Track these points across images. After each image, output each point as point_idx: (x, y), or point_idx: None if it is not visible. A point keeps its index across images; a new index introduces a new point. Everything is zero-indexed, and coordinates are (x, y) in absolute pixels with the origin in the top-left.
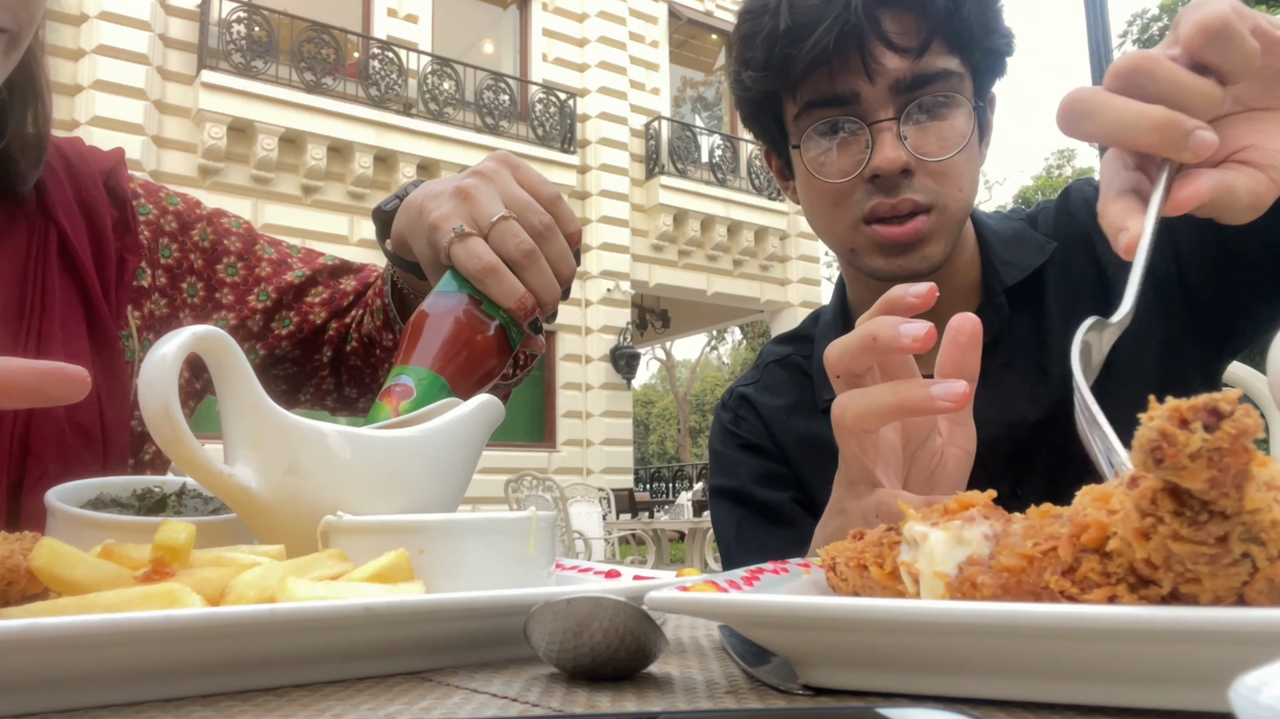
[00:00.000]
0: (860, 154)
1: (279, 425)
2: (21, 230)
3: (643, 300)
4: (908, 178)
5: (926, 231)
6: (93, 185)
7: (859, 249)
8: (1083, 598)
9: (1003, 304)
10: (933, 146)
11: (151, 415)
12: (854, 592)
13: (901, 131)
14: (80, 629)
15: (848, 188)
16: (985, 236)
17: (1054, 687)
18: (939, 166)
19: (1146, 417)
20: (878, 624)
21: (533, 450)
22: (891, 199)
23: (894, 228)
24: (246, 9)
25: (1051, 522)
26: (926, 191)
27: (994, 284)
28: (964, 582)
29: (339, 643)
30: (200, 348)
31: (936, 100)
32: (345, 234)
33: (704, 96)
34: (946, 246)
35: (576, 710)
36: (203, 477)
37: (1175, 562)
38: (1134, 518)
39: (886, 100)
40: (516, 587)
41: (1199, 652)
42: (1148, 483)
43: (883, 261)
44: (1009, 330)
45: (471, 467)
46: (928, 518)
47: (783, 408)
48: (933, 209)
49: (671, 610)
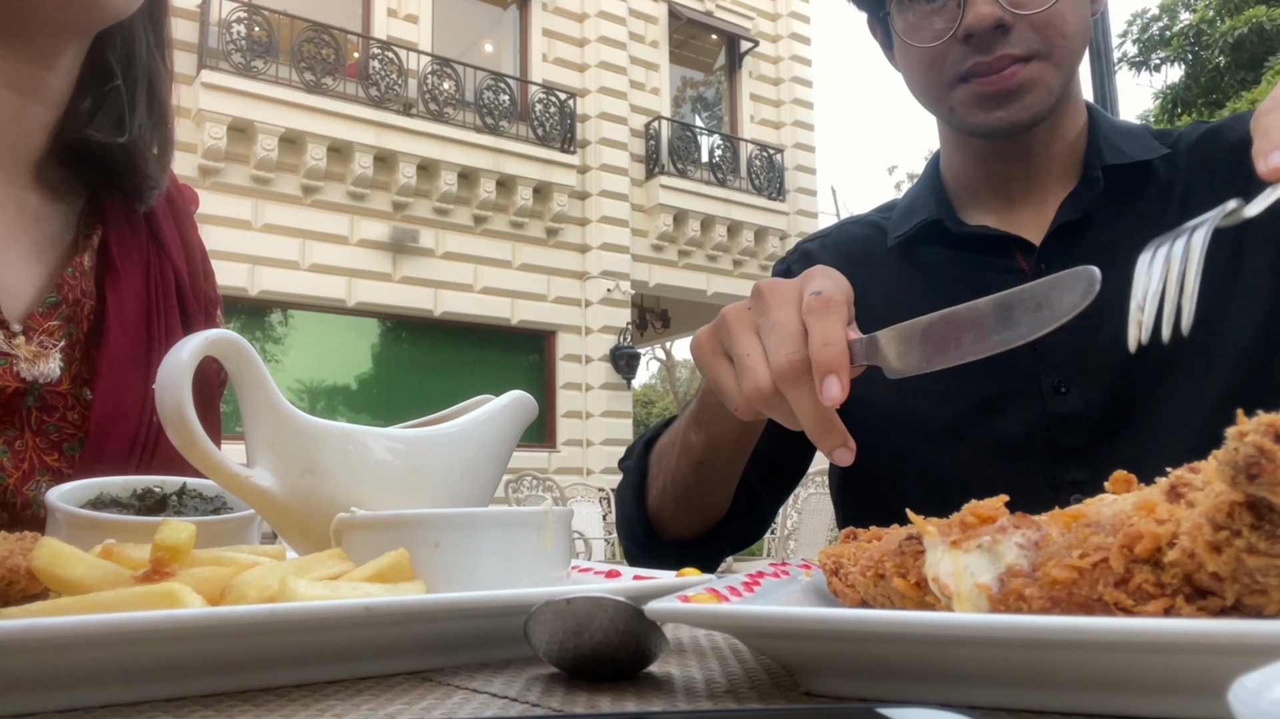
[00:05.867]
0: (953, 14)
1: (297, 427)
2: (138, 260)
3: (643, 300)
4: (1004, 33)
5: (1028, 78)
6: (190, 223)
7: (957, 105)
8: (1138, 610)
9: (1098, 179)
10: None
11: (167, 418)
12: (863, 600)
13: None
14: (80, 629)
15: (943, 50)
16: (1096, 119)
17: (1056, 696)
18: (1040, 17)
19: (1236, 432)
20: (883, 636)
21: (533, 451)
22: (988, 57)
23: (993, 79)
24: (246, 9)
25: (1095, 531)
26: (1027, 43)
27: (1093, 159)
28: (1009, 594)
29: (339, 643)
30: (215, 352)
31: None
32: (345, 234)
33: (704, 96)
34: (1051, 97)
35: (576, 710)
36: (221, 478)
37: (1244, 574)
38: (1207, 531)
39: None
40: (533, 582)
41: (1212, 662)
42: (1224, 496)
43: (982, 115)
44: (1104, 216)
45: (501, 464)
46: (946, 532)
47: (843, 261)
48: (1034, 58)
49: (673, 621)
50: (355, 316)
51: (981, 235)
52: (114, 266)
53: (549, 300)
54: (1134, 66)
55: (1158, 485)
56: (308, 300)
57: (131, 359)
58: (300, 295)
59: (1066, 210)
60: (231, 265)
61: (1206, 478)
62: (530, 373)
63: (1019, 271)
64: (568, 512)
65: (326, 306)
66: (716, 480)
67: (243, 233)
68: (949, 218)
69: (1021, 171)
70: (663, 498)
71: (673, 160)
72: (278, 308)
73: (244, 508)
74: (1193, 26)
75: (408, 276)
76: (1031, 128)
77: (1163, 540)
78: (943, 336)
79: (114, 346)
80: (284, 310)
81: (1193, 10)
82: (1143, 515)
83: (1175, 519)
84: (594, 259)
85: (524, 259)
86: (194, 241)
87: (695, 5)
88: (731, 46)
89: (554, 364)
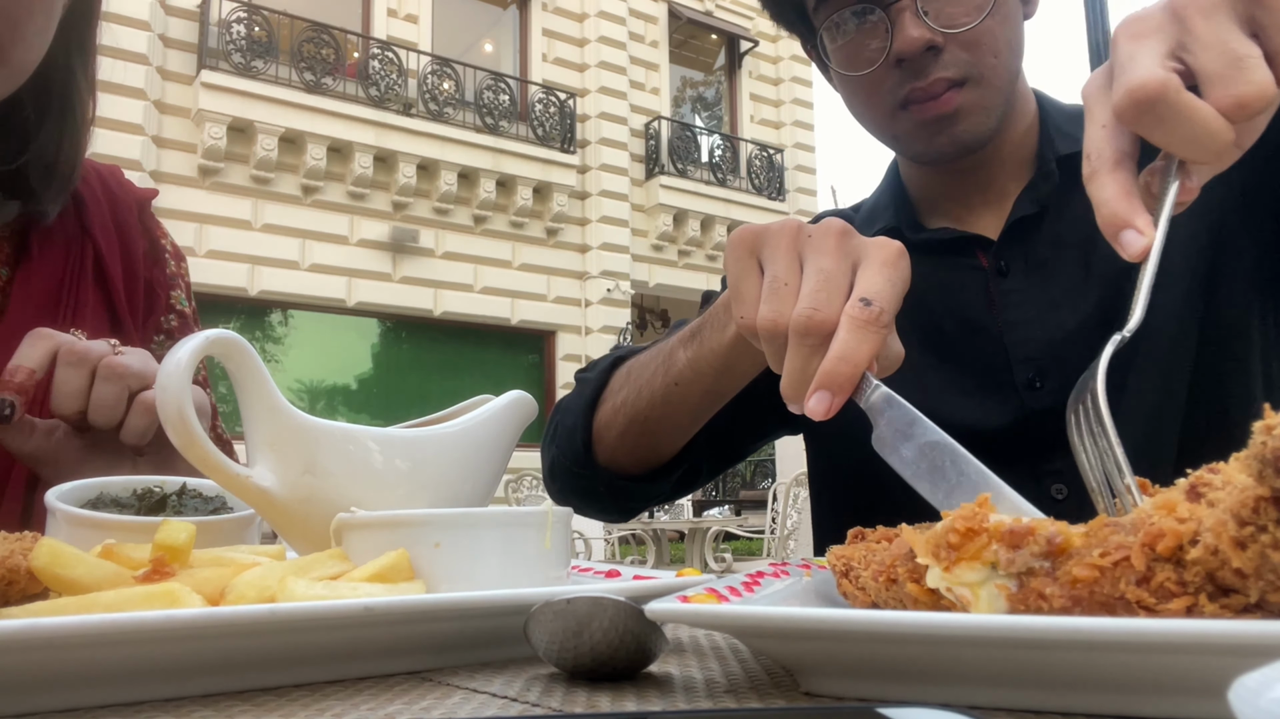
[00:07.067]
0: (883, 38)
1: (296, 427)
2: (60, 243)
3: (643, 300)
4: (936, 55)
5: (965, 104)
6: (128, 212)
7: (900, 135)
8: (1160, 609)
9: (1053, 171)
10: (957, 15)
11: (167, 418)
12: (874, 603)
13: (921, 7)
14: (80, 629)
15: (878, 76)
16: (1046, 109)
17: (1056, 696)
18: (969, 36)
19: (1264, 426)
20: (882, 636)
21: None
22: (923, 81)
23: (929, 105)
24: (246, 9)
25: (1115, 530)
26: (960, 65)
27: (1046, 152)
28: (1029, 593)
29: (339, 643)
30: (215, 352)
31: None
32: (345, 234)
33: (704, 96)
34: (991, 119)
35: (576, 710)
36: (220, 478)
37: (1268, 570)
38: (1232, 526)
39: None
40: (533, 582)
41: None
42: (1250, 491)
43: (925, 143)
44: (1058, 208)
45: (501, 464)
46: (937, 555)
47: None
48: (967, 81)
49: (674, 621)
50: (355, 316)
51: (940, 239)
52: (29, 248)
53: (549, 300)
54: None
55: (1177, 486)
56: (308, 300)
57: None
58: (300, 295)
59: (1022, 205)
60: (231, 265)
61: (1226, 478)
62: (530, 373)
63: (978, 269)
64: (567, 512)
65: (326, 306)
66: (681, 412)
67: (243, 233)
68: (907, 224)
69: (976, 180)
70: (615, 414)
71: (673, 160)
72: (278, 308)
73: (244, 508)
74: None
75: (408, 276)
76: (978, 149)
77: (1184, 538)
78: (933, 465)
79: (12, 318)
80: (284, 310)
81: None
82: (1164, 514)
83: (1197, 517)
84: (594, 259)
85: (524, 259)
86: (131, 228)
87: (695, 5)
88: (731, 46)
89: (554, 364)
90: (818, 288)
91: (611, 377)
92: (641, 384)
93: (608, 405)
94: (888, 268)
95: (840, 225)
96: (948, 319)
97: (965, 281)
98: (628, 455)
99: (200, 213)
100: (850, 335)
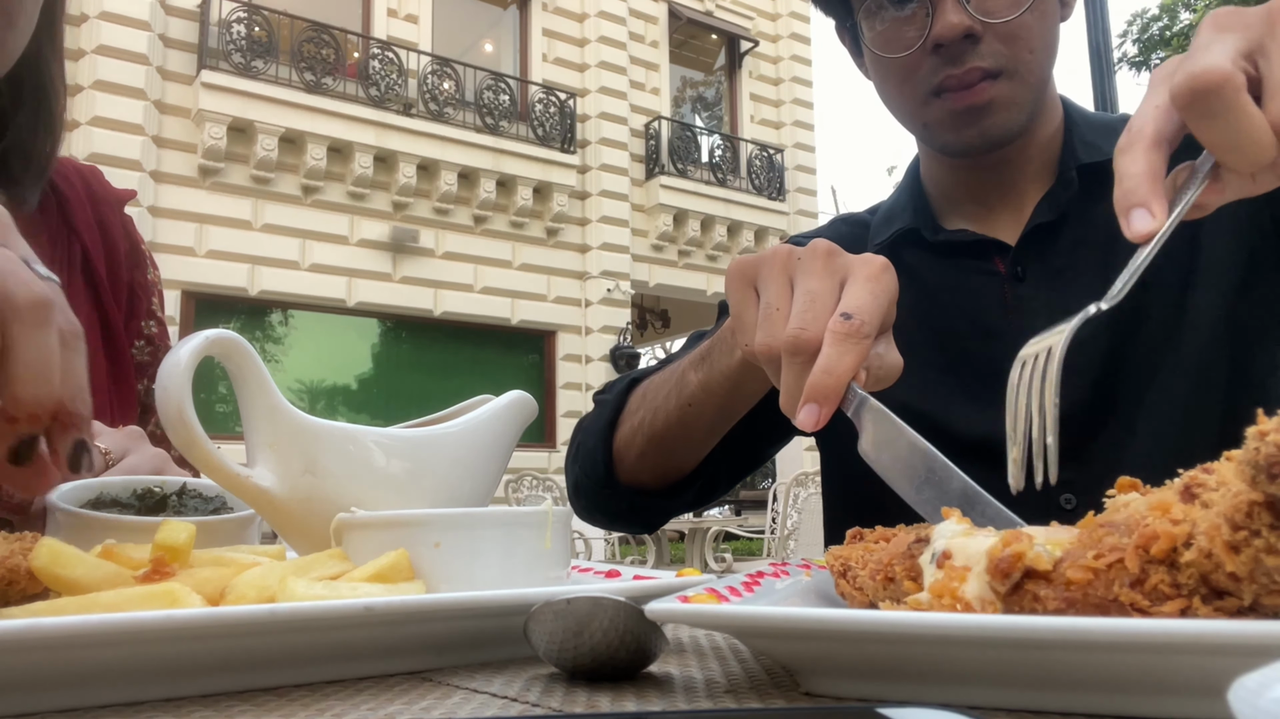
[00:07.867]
0: (922, 24)
1: (296, 427)
2: (45, 240)
3: (643, 300)
4: (974, 44)
5: (998, 97)
6: (110, 212)
7: (931, 123)
8: (1154, 611)
9: (1073, 179)
10: (999, 6)
11: (167, 418)
12: (871, 603)
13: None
14: (80, 629)
15: (913, 61)
16: (1073, 116)
17: (1056, 696)
18: (1007, 28)
19: (1257, 431)
20: (882, 636)
21: (533, 451)
22: (958, 69)
23: (963, 94)
24: (246, 9)
25: (1109, 532)
26: (996, 56)
27: (1069, 159)
28: (1023, 595)
29: (339, 643)
30: (215, 352)
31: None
32: (345, 234)
33: (704, 96)
34: (1022, 115)
35: (576, 710)
36: (220, 478)
37: (1262, 574)
38: (1225, 530)
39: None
40: (533, 582)
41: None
42: (1243, 496)
43: (955, 134)
44: (1078, 216)
45: (501, 464)
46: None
47: None
48: (1002, 74)
49: (673, 621)
50: (355, 316)
51: (958, 241)
52: None
53: (549, 300)
54: (1134, 66)
55: (1171, 486)
56: (308, 300)
57: None
58: (300, 295)
59: (1042, 212)
60: (231, 265)
61: (1220, 478)
62: (530, 373)
63: (995, 274)
64: (567, 512)
65: (326, 306)
66: (696, 431)
67: (243, 233)
68: (925, 225)
69: (998, 179)
70: (634, 434)
71: (673, 160)
72: (278, 308)
73: (244, 508)
74: (1193, 26)
75: (408, 276)
76: (1005, 145)
77: (1179, 541)
78: (912, 470)
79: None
80: (284, 310)
81: (1193, 10)
82: (1158, 516)
83: (1191, 519)
84: (594, 259)
85: (524, 259)
86: (114, 228)
87: (695, 5)
88: (731, 46)
89: (554, 364)
90: (804, 308)
91: (628, 398)
92: (657, 405)
93: (626, 426)
94: (871, 282)
95: (826, 246)
96: (961, 321)
97: (981, 285)
98: (648, 473)
99: (200, 213)
100: (832, 349)
